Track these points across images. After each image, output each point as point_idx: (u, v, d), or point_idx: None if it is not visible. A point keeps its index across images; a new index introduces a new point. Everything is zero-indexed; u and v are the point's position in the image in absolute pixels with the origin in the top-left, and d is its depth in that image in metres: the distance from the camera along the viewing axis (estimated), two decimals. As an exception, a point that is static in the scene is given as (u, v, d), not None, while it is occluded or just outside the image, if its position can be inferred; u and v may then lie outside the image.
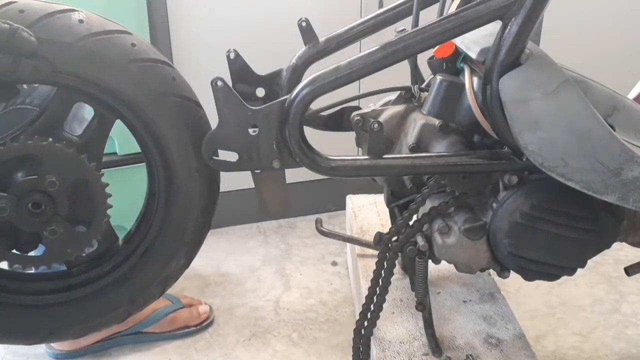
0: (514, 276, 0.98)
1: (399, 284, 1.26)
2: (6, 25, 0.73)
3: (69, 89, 0.85)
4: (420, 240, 0.99)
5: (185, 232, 0.95)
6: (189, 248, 0.98)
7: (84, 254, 0.91)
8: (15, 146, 0.81)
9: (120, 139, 1.42)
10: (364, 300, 1.07)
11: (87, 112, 1.14)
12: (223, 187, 1.00)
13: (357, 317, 1.09)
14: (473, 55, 0.87)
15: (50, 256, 0.87)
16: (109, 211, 0.88)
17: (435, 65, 0.99)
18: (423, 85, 1.04)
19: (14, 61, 0.74)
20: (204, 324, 1.46)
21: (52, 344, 1.38)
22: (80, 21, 0.82)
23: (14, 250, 0.89)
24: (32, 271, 0.89)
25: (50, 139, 0.83)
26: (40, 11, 0.80)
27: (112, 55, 0.83)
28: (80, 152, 0.85)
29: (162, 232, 0.95)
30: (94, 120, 0.90)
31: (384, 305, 1.06)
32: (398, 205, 1.10)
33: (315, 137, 0.96)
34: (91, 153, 0.87)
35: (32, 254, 0.90)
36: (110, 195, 0.88)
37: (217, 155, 0.90)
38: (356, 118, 1.01)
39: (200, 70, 0.94)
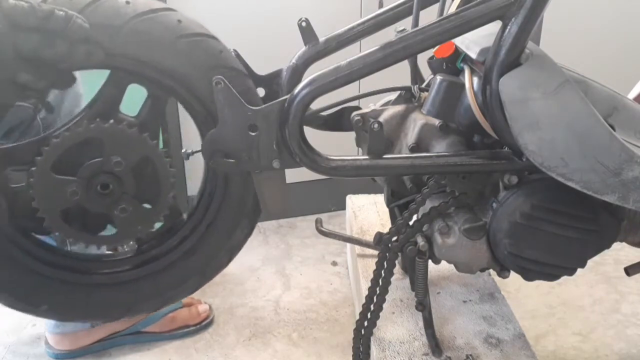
0: (514, 276, 0.98)
1: (399, 284, 1.26)
2: (62, 12, 0.73)
3: (122, 71, 0.86)
4: (420, 240, 0.99)
5: (246, 203, 0.97)
6: (251, 217, 0.99)
7: (152, 230, 0.94)
8: (79, 131, 0.83)
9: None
10: (364, 300, 1.07)
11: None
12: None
13: (357, 317, 1.09)
14: (473, 55, 0.87)
15: (122, 234, 0.90)
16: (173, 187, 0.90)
17: (435, 65, 0.99)
18: (423, 85, 1.04)
19: (69, 48, 0.75)
20: (203, 323, 1.46)
21: (52, 344, 1.38)
22: (127, 2, 0.83)
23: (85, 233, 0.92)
24: (106, 251, 0.93)
25: (112, 121, 0.85)
26: None
27: (160, 33, 0.84)
28: (141, 131, 0.87)
29: (223, 205, 0.97)
30: (148, 100, 0.91)
31: (384, 305, 1.06)
32: (398, 205, 1.10)
33: (315, 137, 0.96)
34: (149, 132, 0.88)
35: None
36: (174, 171, 0.89)
37: (218, 155, 0.90)
38: (356, 118, 1.01)
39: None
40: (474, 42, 0.88)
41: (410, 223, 1.00)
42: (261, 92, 1.00)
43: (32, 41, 0.71)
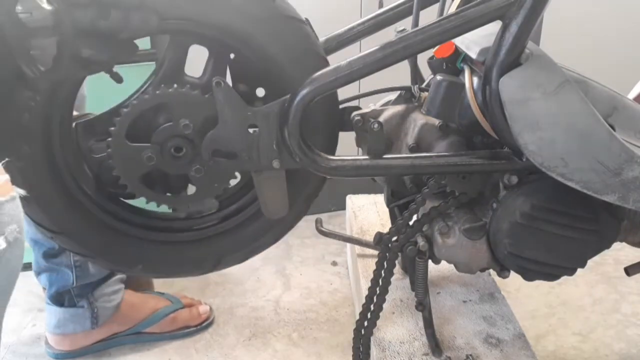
0: (514, 276, 0.98)
1: (399, 284, 1.26)
2: None
3: (180, 34, 0.88)
4: (420, 241, 0.99)
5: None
6: (283, 228, 1.02)
7: (230, 186, 0.96)
8: (146, 98, 0.86)
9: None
10: (364, 300, 1.07)
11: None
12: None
13: (357, 317, 1.09)
14: (473, 55, 0.87)
15: (201, 192, 0.93)
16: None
17: (435, 65, 0.99)
18: (423, 85, 1.04)
19: (124, 16, 0.76)
20: (204, 324, 1.46)
21: (52, 345, 1.38)
22: None
23: (168, 194, 0.95)
24: (189, 210, 0.96)
25: (175, 85, 0.87)
26: None
27: None
28: (205, 92, 0.88)
29: None
30: (210, 60, 0.92)
31: (384, 305, 1.06)
32: (398, 205, 1.10)
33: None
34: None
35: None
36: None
37: (218, 155, 0.90)
38: (356, 118, 1.01)
39: (201, 70, 0.94)
40: (474, 42, 0.88)
41: (410, 223, 1.00)
42: (261, 92, 1.00)
43: (88, 15, 0.73)
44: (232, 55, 0.94)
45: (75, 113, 0.98)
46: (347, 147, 1.11)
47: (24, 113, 0.83)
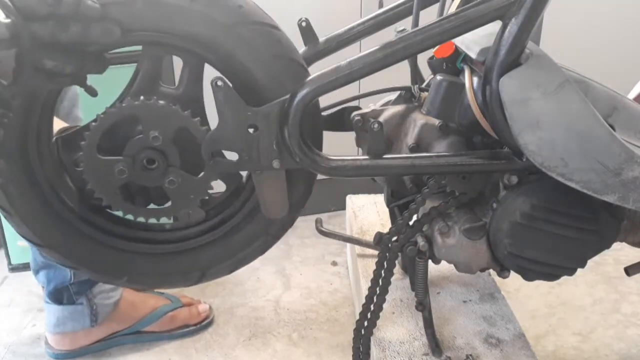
0: (514, 276, 0.98)
1: (399, 284, 1.26)
2: None
3: (149, 45, 0.87)
4: (420, 240, 0.99)
5: (272, 225, 0.98)
6: (269, 240, 1.00)
7: (207, 197, 0.94)
8: (112, 112, 0.85)
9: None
10: (364, 300, 1.07)
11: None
12: (220, 188, 1.01)
13: (357, 317, 1.09)
14: (473, 55, 0.87)
15: (176, 204, 0.92)
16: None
17: (435, 65, 0.99)
18: (423, 85, 1.04)
19: (84, 29, 0.75)
20: (203, 323, 1.47)
21: (52, 344, 1.38)
22: None
23: (151, 205, 0.94)
24: (167, 221, 0.96)
25: (142, 97, 0.85)
26: None
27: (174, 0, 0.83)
28: (180, 102, 0.87)
29: (251, 216, 0.98)
30: (185, 70, 0.91)
31: (384, 305, 1.06)
32: (398, 205, 1.10)
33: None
34: (189, 101, 0.89)
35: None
36: None
37: (219, 155, 0.90)
38: (356, 118, 1.01)
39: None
40: (474, 42, 0.88)
41: (410, 223, 1.00)
42: None
43: (47, 28, 0.73)
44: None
45: (63, 125, 0.98)
46: (347, 147, 1.11)
47: None
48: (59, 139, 0.91)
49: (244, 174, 0.98)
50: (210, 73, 0.87)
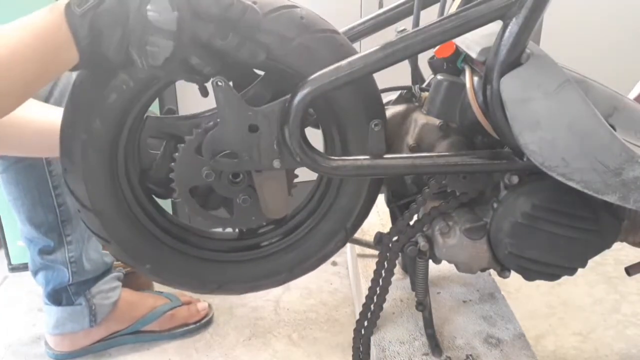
0: (514, 276, 0.98)
1: (399, 284, 1.26)
2: (240, 4, 0.79)
3: (276, 76, 0.90)
4: (420, 240, 0.99)
5: (349, 218, 1.00)
6: (348, 233, 1.02)
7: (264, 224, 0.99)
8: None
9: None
10: (364, 300, 1.07)
11: None
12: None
13: (357, 317, 1.09)
14: (474, 55, 0.87)
15: (238, 220, 0.97)
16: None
17: (435, 65, 0.99)
18: (424, 85, 1.04)
19: (238, 42, 0.80)
20: (203, 321, 1.47)
21: (52, 345, 1.38)
22: (301, 18, 0.87)
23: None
24: (218, 230, 1.00)
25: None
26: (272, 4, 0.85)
27: (327, 54, 0.87)
28: None
29: (328, 214, 1.00)
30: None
31: (384, 305, 1.06)
32: (398, 205, 1.10)
33: (315, 137, 0.96)
34: None
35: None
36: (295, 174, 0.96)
37: (220, 155, 0.90)
38: (356, 118, 1.01)
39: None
40: (474, 42, 0.88)
41: (411, 223, 1.00)
42: None
43: (208, 31, 0.77)
44: None
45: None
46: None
47: (113, 93, 0.86)
48: (149, 119, 0.94)
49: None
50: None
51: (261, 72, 0.93)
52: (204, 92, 0.90)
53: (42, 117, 1.06)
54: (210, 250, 1.02)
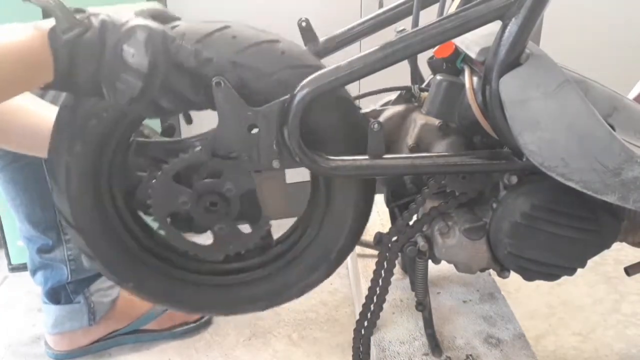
0: (514, 276, 0.98)
1: (399, 284, 1.26)
2: (218, 64, 0.81)
3: None
4: (420, 241, 0.99)
5: (331, 252, 1.00)
6: (331, 265, 1.02)
7: (244, 251, 0.99)
8: (203, 158, 0.88)
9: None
10: (364, 300, 1.07)
11: None
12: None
13: (357, 317, 1.09)
14: (473, 55, 0.87)
15: (216, 248, 0.96)
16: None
17: (435, 65, 0.99)
18: (423, 85, 1.04)
19: (207, 99, 0.82)
20: (202, 320, 1.46)
21: (51, 345, 1.38)
22: (282, 53, 0.86)
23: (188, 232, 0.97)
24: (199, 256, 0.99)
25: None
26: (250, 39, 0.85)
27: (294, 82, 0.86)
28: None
29: (312, 245, 1.01)
30: None
31: (384, 305, 1.06)
32: (398, 205, 1.10)
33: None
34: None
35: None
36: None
37: (220, 155, 0.90)
38: (356, 118, 1.01)
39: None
40: (474, 42, 0.88)
41: (410, 223, 1.00)
42: None
43: (182, 82, 0.79)
44: None
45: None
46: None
47: (93, 118, 0.86)
48: (136, 142, 0.94)
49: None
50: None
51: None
52: (188, 120, 0.91)
53: (36, 113, 1.06)
54: (192, 273, 1.02)
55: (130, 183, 0.95)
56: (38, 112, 1.05)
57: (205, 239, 0.95)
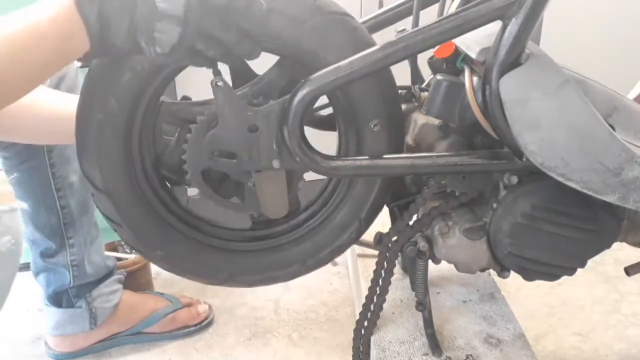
0: (514, 276, 0.98)
1: (399, 284, 1.26)
2: None
3: (289, 59, 0.90)
4: (420, 241, 0.99)
5: (363, 209, 0.99)
6: (362, 224, 1.00)
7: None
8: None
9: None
10: (364, 300, 1.07)
11: None
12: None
13: (357, 317, 1.09)
14: (473, 55, 0.87)
15: (248, 206, 0.96)
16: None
17: (435, 65, 0.99)
18: (423, 85, 1.04)
19: (238, 40, 0.81)
20: (203, 323, 1.46)
21: (52, 346, 1.38)
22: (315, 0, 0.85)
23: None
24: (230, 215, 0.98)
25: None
26: None
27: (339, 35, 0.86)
28: None
29: (342, 204, 0.99)
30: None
31: (384, 305, 1.06)
32: (398, 205, 1.10)
33: (315, 137, 0.96)
34: None
35: None
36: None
37: (219, 154, 0.90)
38: (356, 118, 1.01)
39: (201, 69, 0.94)
40: (474, 42, 0.88)
41: (410, 223, 1.00)
42: None
43: (213, 21, 0.78)
44: None
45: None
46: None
47: (127, 71, 0.86)
48: (164, 104, 0.94)
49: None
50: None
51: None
52: (217, 73, 0.89)
53: (51, 103, 1.05)
54: (223, 239, 1.01)
55: (159, 147, 0.95)
56: (54, 101, 1.05)
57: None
